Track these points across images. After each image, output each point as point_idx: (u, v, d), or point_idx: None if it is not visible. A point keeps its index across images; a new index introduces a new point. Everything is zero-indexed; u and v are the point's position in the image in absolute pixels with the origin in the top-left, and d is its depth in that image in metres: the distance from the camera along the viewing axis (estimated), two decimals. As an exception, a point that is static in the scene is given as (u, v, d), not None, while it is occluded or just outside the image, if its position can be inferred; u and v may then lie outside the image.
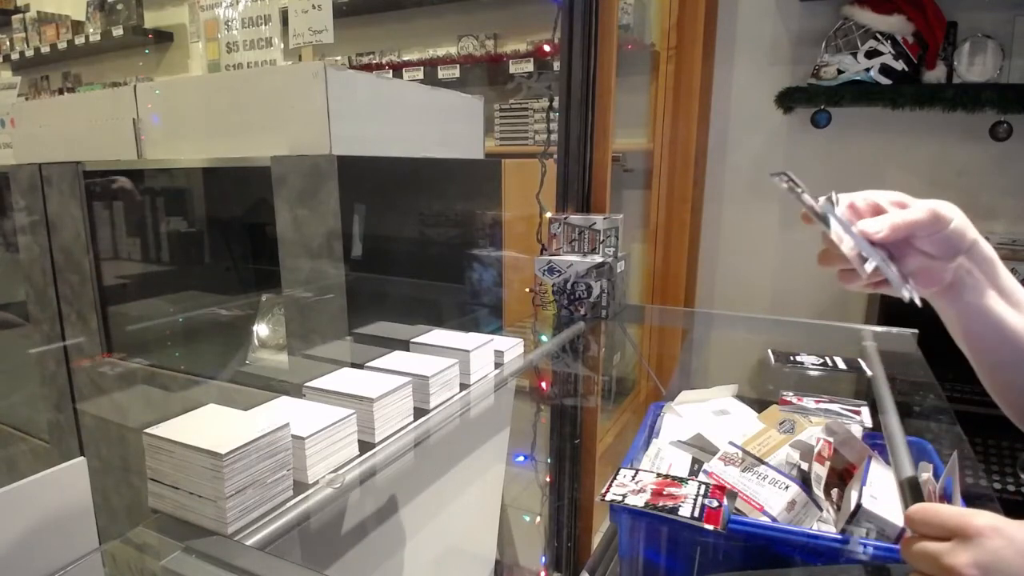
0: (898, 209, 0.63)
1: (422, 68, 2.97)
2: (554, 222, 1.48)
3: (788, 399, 1.00)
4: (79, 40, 4.15)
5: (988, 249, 0.66)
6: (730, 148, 2.57)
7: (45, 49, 4.32)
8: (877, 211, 0.63)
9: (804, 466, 0.84)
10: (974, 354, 0.70)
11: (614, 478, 0.78)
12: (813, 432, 0.88)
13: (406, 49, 3.22)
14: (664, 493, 0.72)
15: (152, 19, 4.10)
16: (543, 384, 1.45)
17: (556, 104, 1.58)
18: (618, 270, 1.43)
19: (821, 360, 1.18)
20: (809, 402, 0.98)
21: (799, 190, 0.63)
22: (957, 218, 0.62)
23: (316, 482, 0.69)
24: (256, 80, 1.32)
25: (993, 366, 0.69)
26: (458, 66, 2.89)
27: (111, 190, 1.38)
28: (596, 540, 1.63)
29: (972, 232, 0.64)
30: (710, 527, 0.66)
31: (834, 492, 0.83)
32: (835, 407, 0.97)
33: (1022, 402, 0.68)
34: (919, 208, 0.61)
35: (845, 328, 1.42)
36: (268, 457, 0.63)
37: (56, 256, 1.62)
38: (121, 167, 1.52)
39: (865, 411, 0.95)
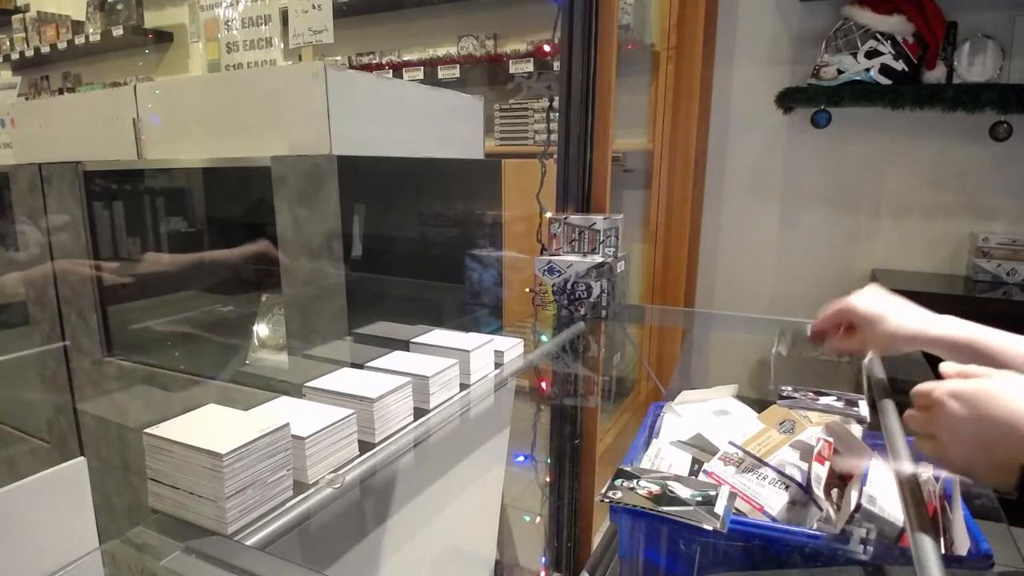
0: None
1: (422, 68, 2.97)
2: (554, 222, 1.48)
3: (787, 398, 1.00)
4: (79, 40, 4.14)
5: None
6: (730, 148, 2.57)
7: (45, 49, 4.32)
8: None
9: (804, 466, 0.84)
10: None
11: (614, 478, 0.78)
12: (813, 432, 0.88)
13: (406, 49, 3.22)
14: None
15: (152, 19, 4.10)
16: (543, 384, 1.45)
17: (556, 104, 1.58)
18: (618, 270, 1.43)
19: (821, 360, 1.17)
20: (809, 401, 0.98)
21: None
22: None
23: (316, 482, 0.69)
24: (256, 80, 1.32)
25: None
26: (458, 66, 2.89)
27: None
28: (596, 540, 1.63)
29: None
30: (709, 527, 0.66)
31: (834, 492, 0.83)
32: (835, 405, 0.97)
33: None
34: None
35: (845, 328, 1.41)
36: (268, 457, 0.63)
37: (56, 256, 1.62)
38: (121, 167, 1.52)
39: (863, 407, 0.95)
